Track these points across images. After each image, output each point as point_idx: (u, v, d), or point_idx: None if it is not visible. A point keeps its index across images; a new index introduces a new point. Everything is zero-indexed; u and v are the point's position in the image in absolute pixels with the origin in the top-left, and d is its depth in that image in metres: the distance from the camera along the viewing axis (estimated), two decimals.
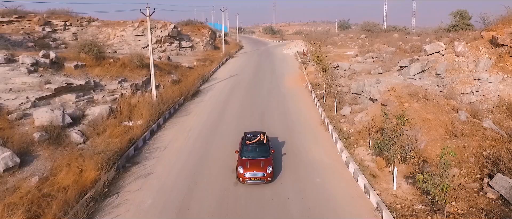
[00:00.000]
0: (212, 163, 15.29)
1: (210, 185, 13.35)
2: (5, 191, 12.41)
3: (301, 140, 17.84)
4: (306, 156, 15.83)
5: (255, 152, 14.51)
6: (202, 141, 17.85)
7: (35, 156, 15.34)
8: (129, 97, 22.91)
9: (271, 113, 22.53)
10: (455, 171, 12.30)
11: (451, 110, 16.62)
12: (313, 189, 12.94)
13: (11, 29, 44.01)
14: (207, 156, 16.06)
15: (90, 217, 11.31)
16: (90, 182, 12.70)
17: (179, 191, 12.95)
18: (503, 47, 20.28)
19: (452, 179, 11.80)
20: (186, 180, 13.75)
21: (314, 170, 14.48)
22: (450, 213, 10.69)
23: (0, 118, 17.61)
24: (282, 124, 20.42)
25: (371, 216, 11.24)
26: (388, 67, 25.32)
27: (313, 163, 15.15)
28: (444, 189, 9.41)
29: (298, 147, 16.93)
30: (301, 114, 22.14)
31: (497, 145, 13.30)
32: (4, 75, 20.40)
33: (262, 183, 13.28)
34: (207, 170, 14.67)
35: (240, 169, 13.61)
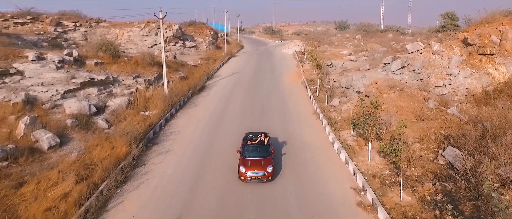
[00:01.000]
0: (220, 143, 18.36)
1: (220, 159, 16.42)
2: (52, 163, 15.52)
3: (296, 126, 20.92)
4: (299, 138, 18.91)
5: (256, 152, 15.16)
6: (210, 127, 20.94)
7: (70, 138, 18.43)
8: (143, 91, 26.02)
9: (270, 104, 25.62)
10: (417, 145, 15.39)
11: (422, 99, 19.72)
12: (304, 161, 16.02)
13: (25, 30, 47.00)
14: (215, 138, 19.13)
15: (126, 180, 14.39)
16: (122, 155, 15.77)
17: (194, 164, 16.02)
18: (472, 46, 23.37)
19: (414, 151, 14.96)
20: (200, 156, 16.83)
21: (305, 148, 17.56)
22: (409, 175, 13.77)
23: (37, 107, 20.78)
24: (280, 113, 23.50)
25: (348, 180, 14.30)
26: (375, 64, 28.44)
27: (305, 143, 18.22)
28: (398, 152, 12.47)
29: (293, 131, 20.00)
30: (296, 105, 25.25)
31: (454, 126, 16.38)
32: (36, 71, 23.48)
33: (262, 181, 14.03)
34: (216, 148, 17.74)
35: (241, 168, 14.27)
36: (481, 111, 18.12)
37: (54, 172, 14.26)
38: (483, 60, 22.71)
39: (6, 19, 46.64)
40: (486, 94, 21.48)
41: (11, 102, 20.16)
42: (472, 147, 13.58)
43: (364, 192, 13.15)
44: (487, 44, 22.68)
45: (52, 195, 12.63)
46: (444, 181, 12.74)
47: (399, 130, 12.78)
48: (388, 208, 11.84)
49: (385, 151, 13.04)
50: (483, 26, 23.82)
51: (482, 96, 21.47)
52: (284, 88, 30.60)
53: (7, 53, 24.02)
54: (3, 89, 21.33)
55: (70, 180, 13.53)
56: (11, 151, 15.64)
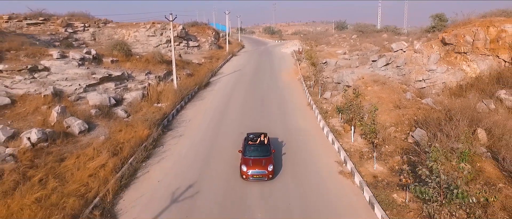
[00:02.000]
0: (225, 129, 21.42)
1: (226, 141, 19.48)
2: (84, 144, 18.56)
3: (292, 115, 24.00)
4: (295, 125, 21.99)
5: (257, 151, 15.76)
6: (217, 116, 24.02)
7: (96, 125, 21.48)
8: (155, 86, 29.07)
9: (269, 98, 28.69)
10: (392, 128, 18.46)
11: (401, 92, 22.80)
12: (297, 141, 19.11)
13: (37, 30, 50.01)
14: (221, 125, 22.21)
15: (149, 156, 17.46)
16: (144, 137, 18.84)
17: (205, 144, 19.09)
18: (449, 46, 26.46)
19: (389, 133, 18.03)
20: (209, 138, 19.91)
21: (299, 132, 20.63)
22: (383, 151, 16.84)
23: (64, 99, 23.85)
24: (278, 105, 26.57)
25: (333, 156, 17.38)
26: (364, 62, 31.53)
27: (299, 129, 21.30)
28: (371, 130, 15.53)
29: (289, 120, 23.08)
30: (293, 98, 28.33)
31: (425, 113, 19.44)
32: (60, 68, 26.56)
33: (263, 180, 14.67)
34: (222, 133, 20.81)
35: (243, 167, 14.83)
36: (451, 101, 21.19)
37: (89, 149, 17.33)
38: (458, 58, 25.81)
39: (20, 20, 49.67)
40: (460, 88, 24.56)
41: (42, 94, 23.20)
42: (435, 128, 16.63)
43: (345, 164, 16.23)
44: (461, 43, 25.79)
45: (91, 166, 15.67)
46: (410, 154, 15.80)
47: (372, 113, 15.84)
48: (363, 175, 14.91)
49: (361, 129, 16.09)
50: (460, 28, 26.92)
51: (456, 90, 24.55)
52: (282, 84, 33.70)
53: (34, 51, 27.11)
54: (34, 83, 24.42)
55: (104, 155, 16.60)
56: (49, 133, 18.69)
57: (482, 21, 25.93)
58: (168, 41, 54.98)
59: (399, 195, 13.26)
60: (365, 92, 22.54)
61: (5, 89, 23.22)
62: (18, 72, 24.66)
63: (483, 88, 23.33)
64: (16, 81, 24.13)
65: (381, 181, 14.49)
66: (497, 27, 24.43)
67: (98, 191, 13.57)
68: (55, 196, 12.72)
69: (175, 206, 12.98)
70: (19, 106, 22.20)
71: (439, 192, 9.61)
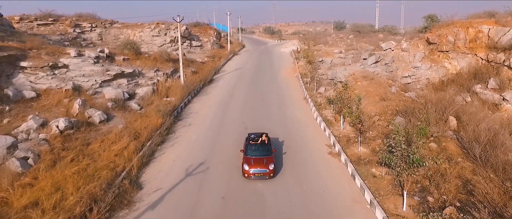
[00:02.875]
0: (229, 119, 24.15)
1: (230, 129, 22.22)
2: (105, 131, 21.24)
3: (289, 108, 26.73)
4: (291, 116, 24.72)
5: (258, 151, 16.34)
6: (221, 109, 26.76)
7: (113, 116, 24.18)
8: (163, 82, 31.78)
9: (269, 93, 31.43)
10: (376, 117, 21.17)
11: (387, 86, 25.53)
12: (294, 129, 21.84)
13: (47, 30, 52.70)
14: (225, 116, 24.93)
15: (163, 141, 20.17)
16: (158, 125, 21.54)
17: (211, 132, 21.81)
18: (433, 45, 29.19)
19: (374, 121, 20.75)
20: (215, 127, 22.63)
21: (296, 122, 23.36)
22: (367, 136, 19.56)
23: (83, 93, 26.55)
24: (277, 99, 29.30)
25: (324, 140, 20.09)
26: (357, 60, 34.26)
27: (295, 119, 24.03)
28: (356, 116, 18.23)
29: (286, 111, 25.80)
30: (290, 93, 31.07)
31: (406, 104, 22.16)
32: (78, 65, 29.25)
33: (264, 178, 15.28)
34: (227, 123, 23.54)
35: (245, 166, 15.41)
36: (432, 94, 23.91)
37: (111, 135, 20.05)
38: (441, 56, 28.54)
39: (30, 21, 52.37)
40: (442, 83, 27.29)
41: (63, 89, 25.91)
42: (412, 116, 19.35)
43: (334, 147, 18.95)
44: (444, 43, 28.52)
45: (115, 148, 18.37)
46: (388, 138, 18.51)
47: (357, 102, 18.57)
48: (348, 155, 17.63)
49: (348, 117, 18.82)
50: (443, 29, 29.66)
51: (438, 85, 27.27)
52: (281, 81, 36.44)
53: (54, 50, 29.81)
54: (55, 79, 27.12)
55: (126, 140, 19.32)
56: (74, 122, 21.41)
57: (462, 22, 28.65)
58: (171, 41, 57.66)
59: (377, 169, 15.97)
60: (354, 87, 25.28)
61: (30, 84, 25.91)
62: (40, 69, 27.32)
63: (461, 84, 26.06)
64: (39, 77, 26.80)
65: (364, 159, 17.21)
66: (475, 28, 27.14)
67: (124, 166, 16.29)
68: (90, 169, 15.44)
69: (190, 178, 15.71)
70: (43, 99, 24.90)
71: (401, 159, 12.30)
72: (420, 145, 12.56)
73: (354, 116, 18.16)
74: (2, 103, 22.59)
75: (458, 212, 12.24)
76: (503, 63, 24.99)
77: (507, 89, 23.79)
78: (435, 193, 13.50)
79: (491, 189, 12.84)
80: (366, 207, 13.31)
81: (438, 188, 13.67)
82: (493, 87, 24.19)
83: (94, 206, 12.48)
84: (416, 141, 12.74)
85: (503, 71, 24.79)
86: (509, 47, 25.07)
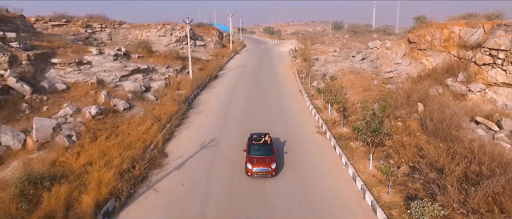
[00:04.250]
0: (234, 108, 28.39)
1: (235, 115, 26.44)
2: (130, 117, 25.45)
3: (286, 98, 30.98)
4: (287, 105, 28.97)
5: (260, 150, 17.00)
6: (227, 100, 31.02)
7: (133, 105, 28.39)
8: (174, 77, 36.03)
9: (268, 86, 35.68)
10: (359, 105, 25.37)
11: (371, 79, 29.76)
12: (289, 116, 26.08)
13: (61, 31, 56.90)
14: (230, 105, 29.18)
15: (179, 125, 24.40)
16: (174, 112, 25.78)
17: (219, 117, 26.04)
18: (413, 44, 33.43)
19: (356, 107, 24.96)
20: (222, 114, 26.87)
21: (291, 109, 27.62)
22: (350, 119, 23.79)
23: (106, 86, 30.76)
24: (275, 92, 33.54)
25: (314, 123, 24.31)
26: (347, 57, 38.51)
27: (291, 107, 28.28)
28: (339, 101, 22.45)
29: (283, 101, 30.04)
30: (287, 87, 35.32)
31: (385, 94, 26.37)
32: (99, 62, 33.48)
33: (267, 177, 16.04)
34: (232, 110, 27.78)
35: (248, 165, 16.07)
36: (408, 86, 28.15)
37: (136, 119, 24.29)
38: (419, 54, 32.80)
39: (45, 21, 56.60)
40: (420, 77, 31.53)
41: (89, 82, 30.13)
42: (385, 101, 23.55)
43: (321, 127, 23.20)
44: (423, 42, 32.78)
45: (141, 129, 22.58)
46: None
47: (340, 90, 22.82)
48: (333, 133, 21.84)
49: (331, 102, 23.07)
50: (422, 29, 33.91)
51: (416, 79, 31.52)
52: (279, 76, 40.70)
53: (78, 49, 34.04)
54: (81, 74, 31.35)
55: (149, 122, 23.55)
56: (103, 109, 25.62)
57: (439, 24, 32.92)
58: (177, 40, 61.90)
59: (354, 143, 20.20)
60: (342, 80, 29.51)
61: (60, 78, 30.16)
62: (68, 65, 31.55)
63: (436, 77, 30.33)
64: (67, 72, 31.04)
65: (345, 136, 21.44)
66: (449, 29, 31.40)
67: (151, 141, 20.51)
68: (125, 142, 19.66)
69: (205, 150, 19.94)
70: (73, 91, 29.14)
71: (367, 128, 16.53)
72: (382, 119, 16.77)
73: (338, 103, 22.39)
74: (40, 94, 26.83)
75: (411, 169, 16.46)
76: (471, 59, 29.25)
77: (472, 82, 28.05)
78: (395, 157, 17.73)
79: (438, 153, 17.03)
80: (342, 167, 17.55)
81: (398, 154, 17.89)
82: (461, 80, 28.46)
83: (136, 164, 16.69)
84: (378, 115, 16.97)
85: (470, 67, 29.05)
86: (476, 46, 29.33)
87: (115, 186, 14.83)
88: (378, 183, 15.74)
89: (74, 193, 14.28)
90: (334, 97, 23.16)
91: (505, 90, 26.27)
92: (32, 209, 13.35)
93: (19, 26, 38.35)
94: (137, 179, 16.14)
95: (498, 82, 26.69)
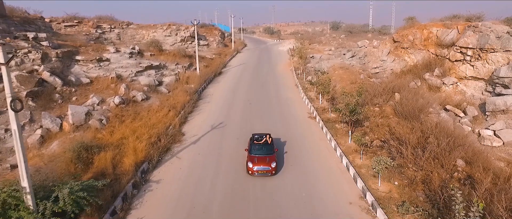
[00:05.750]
0: (238, 98, 32.85)
1: (240, 102, 30.86)
2: (147, 106, 29.89)
3: (283, 91, 35.43)
4: (284, 96, 33.43)
5: (261, 150, 17.79)
6: (231, 92, 35.48)
7: (149, 96, 32.82)
8: (183, 73, 40.46)
9: (268, 81, 40.14)
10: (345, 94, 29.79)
11: (358, 74, 34.20)
12: (286, 104, 30.51)
13: (73, 31, 61.21)
14: (234, 96, 33.64)
15: (191, 112, 28.82)
16: (187, 101, 30.20)
17: (226, 106, 30.50)
18: (397, 43, 37.89)
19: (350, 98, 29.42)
20: (227, 103, 31.32)
21: (288, 100, 32.08)
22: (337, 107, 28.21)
23: (124, 80, 35.18)
24: (274, 86, 38.00)
25: (307, 111, 28.73)
26: (339, 55, 42.99)
27: (287, 98, 32.76)
28: (329, 92, 26.86)
29: (281, 93, 34.50)
30: (285, 81, 39.79)
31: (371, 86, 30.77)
32: (117, 59, 37.91)
33: (267, 175, 16.90)
34: (236, 101, 32.24)
35: (249, 164, 16.84)
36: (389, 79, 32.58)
37: (154, 106, 28.73)
38: (402, 52, 37.25)
39: (58, 22, 60.96)
40: (402, 72, 35.98)
41: (109, 77, 34.53)
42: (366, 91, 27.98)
43: (313, 113, 27.64)
44: (405, 41, 37.24)
45: (160, 114, 27.00)
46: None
47: (328, 82, 27.24)
48: (322, 118, 26.27)
49: (322, 93, 27.50)
50: (406, 30, 38.38)
51: (399, 74, 35.97)
52: (277, 73, 45.18)
53: (97, 47, 38.47)
54: (101, 69, 35.76)
55: (165, 109, 27.97)
56: (124, 99, 30.03)
57: (419, 25, 37.42)
58: (182, 40, 66.26)
59: (339, 125, 24.62)
60: (333, 75, 33.95)
61: (84, 73, 34.57)
62: (90, 61, 35.97)
63: (416, 72, 34.80)
64: (90, 68, 35.45)
65: (332, 120, 25.85)
66: (428, 29, 35.86)
67: (170, 123, 24.91)
68: (149, 123, 24.07)
69: (215, 130, 24.37)
70: (95, 84, 33.54)
71: (346, 110, 20.96)
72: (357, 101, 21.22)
73: (327, 93, 26.82)
74: (69, 86, 31.26)
75: (382, 143, 20.87)
76: (446, 56, 33.71)
77: (446, 76, 32.50)
78: (371, 134, 22.14)
79: (405, 132, 21.42)
80: (326, 142, 21.99)
81: (373, 132, 22.30)
82: (437, 75, 32.91)
83: (161, 138, 21.11)
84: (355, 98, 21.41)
85: (445, 63, 33.51)
86: (450, 44, 33.77)
87: (147, 152, 19.24)
88: (354, 152, 20.17)
89: (116, 157, 18.68)
90: (324, 89, 27.58)
91: (473, 83, 30.70)
92: (86, 168, 17.75)
93: (40, 27, 42.85)
94: (163, 149, 20.56)
95: (467, 76, 31.12)
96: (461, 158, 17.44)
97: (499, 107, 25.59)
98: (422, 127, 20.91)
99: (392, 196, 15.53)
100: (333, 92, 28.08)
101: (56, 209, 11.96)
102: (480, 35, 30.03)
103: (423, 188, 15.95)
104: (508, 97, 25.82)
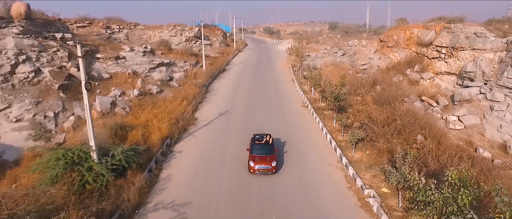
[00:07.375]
0: (240, 91, 37.77)
1: (243, 94, 35.77)
2: (162, 98, 34.81)
3: (281, 85, 40.36)
4: (282, 90, 38.35)
5: (262, 150, 18.63)
6: (234, 86, 40.41)
7: (163, 89, 37.76)
8: (191, 70, 45.38)
9: (267, 77, 45.08)
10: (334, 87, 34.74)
11: (347, 70, 39.11)
12: (283, 97, 35.43)
13: (85, 31, 66.01)
14: (238, 89, 38.57)
15: (201, 101, 33.74)
16: (197, 93, 35.10)
17: (230, 96, 35.41)
18: (384, 42, 42.81)
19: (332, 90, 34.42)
20: (232, 95, 36.23)
21: (285, 92, 37.00)
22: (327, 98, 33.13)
23: (139, 76, 40.10)
24: (273, 81, 42.92)
25: (301, 101, 33.64)
26: (331, 53, 47.92)
27: (285, 92, 37.67)
28: (319, 85, 31.76)
29: (279, 87, 39.43)
30: (282, 77, 44.73)
31: (355, 80, 35.67)
32: (132, 57, 42.83)
33: (268, 174, 17.81)
34: (239, 93, 37.17)
35: (251, 163, 17.76)
36: (374, 74, 37.48)
37: (168, 98, 33.65)
38: (388, 50, 42.17)
39: (71, 23, 65.77)
40: (387, 69, 40.88)
41: (126, 73, 39.44)
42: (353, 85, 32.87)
43: (306, 103, 32.57)
44: (391, 41, 42.15)
45: (174, 104, 31.87)
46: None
47: (318, 76, 32.14)
48: (313, 106, 31.17)
49: (313, 86, 32.43)
50: (392, 31, 43.30)
51: (385, 70, 40.85)
52: (276, 70, 50.14)
53: (114, 46, 43.37)
54: (119, 66, 40.68)
55: (179, 100, 32.88)
56: (142, 92, 34.95)
57: (403, 26, 42.35)
58: (186, 40, 71.13)
59: (327, 112, 29.53)
60: (324, 71, 38.86)
61: (104, 69, 39.49)
62: (108, 59, 40.88)
63: (399, 69, 39.69)
64: (109, 65, 40.36)
65: (321, 108, 30.76)
66: (410, 30, 40.78)
67: (185, 110, 29.81)
68: (167, 110, 28.96)
69: (223, 116, 29.29)
70: (114, 79, 38.44)
71: (331, 96, 25.86)
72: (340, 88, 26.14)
73: (318, 86, 31.73)
74: (93, 81, 36.15)
75: (361, 124, 25.76)
76: (425, 54, 38.62)
77: (425, 71, 37.41)
78: (352, 118, 27.04)
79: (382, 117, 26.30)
80: (316, 124, 26.94)
81: (354, 116, 27.19)
82: (417, 70, 37.81)
83: (179, 121, 26.02)
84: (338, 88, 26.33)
85: (424, 60, 38.42)
86: (429, 44, 38.68)
87: (169, 130, 24.15)
88: (337, 131, 25.11)
89: (145, 134, 23.57)
90: (316, 82, 32.50)
91: (447, 78, 35.60)
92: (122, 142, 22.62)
93: (59, 28, 47.75)
94: (181, 129, 25.47)
95: (442, 72, 36.02)
96: (421, 134, 22.34)
97: (464, 97, 30.49)
98: (393, 111, 25.79)
99: (363, 160, 20.45)
100: (324, 86, 32.98)
101: (114, 161, 16.85)
102: (453, 35, 34.95)
103: (388, 155, 20.83)
104: (472, 88, 30.73)
